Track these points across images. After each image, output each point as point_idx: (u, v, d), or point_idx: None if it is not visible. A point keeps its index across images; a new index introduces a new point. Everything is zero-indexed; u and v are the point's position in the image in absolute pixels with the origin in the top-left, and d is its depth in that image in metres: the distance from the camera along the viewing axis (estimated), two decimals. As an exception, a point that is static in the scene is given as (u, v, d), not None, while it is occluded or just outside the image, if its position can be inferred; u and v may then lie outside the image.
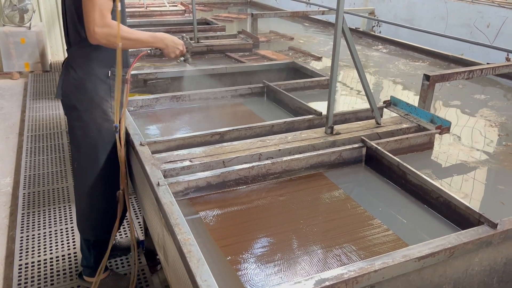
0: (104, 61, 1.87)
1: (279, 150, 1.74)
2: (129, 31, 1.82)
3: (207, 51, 3.58)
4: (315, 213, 1.47)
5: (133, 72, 2.82)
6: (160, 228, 1.57)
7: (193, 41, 3.67)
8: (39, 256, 2.57)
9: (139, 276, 2.40)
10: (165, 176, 1.53)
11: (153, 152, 1.69)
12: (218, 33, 4.24)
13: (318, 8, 5.22)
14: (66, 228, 2.82)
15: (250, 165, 1.61)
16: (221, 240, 1.30)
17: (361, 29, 4.80)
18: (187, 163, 1.61)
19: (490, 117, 2.31)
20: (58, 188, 3.29)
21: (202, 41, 3.72)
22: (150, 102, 2.31)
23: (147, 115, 2.25)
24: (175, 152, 1.70)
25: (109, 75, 1.90)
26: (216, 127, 1.91)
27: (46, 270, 2.45)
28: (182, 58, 2.17)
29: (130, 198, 3.13)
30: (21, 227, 2.83)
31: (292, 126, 2.01)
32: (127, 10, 5.73)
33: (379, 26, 5.15)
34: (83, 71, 1.87)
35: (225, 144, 1.78)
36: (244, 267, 1.20)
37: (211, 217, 1.43)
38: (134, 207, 3.03)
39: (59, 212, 2.99)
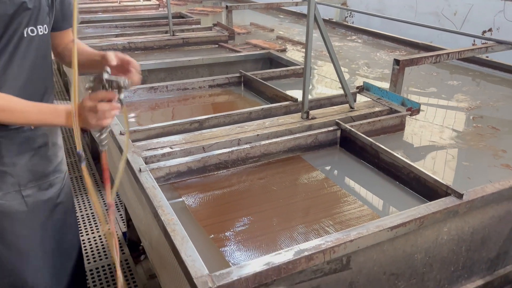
0: None
1: (257, 135, 1.79)
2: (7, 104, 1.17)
3: (182, 44, 3.59)
4: (294, 193, 1.53)
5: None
6: (144, 213, 1.60)
7: (170, 34, 3.68)
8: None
9: (123, 267, 2.42)
10: (146, 163, 1.56)
11: (133, 141, 1.71)
12: (193, 26, 4.25)
13: (292, 0, 5.28)
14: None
15: (230, 149, 1.66)
16: (203, 220, 1.35)
17: (334, 20, 4.89)
18: (167, 149, 1.64)
19: (465, 101, 2.42)
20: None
21: (177, 34, 3.73)
22: (127, 93, 2.32)
23: (125, 106, 2.25)
24: (155, 140, 1.72)
25: None
26: (194, 116, 1.94)
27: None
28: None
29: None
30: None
31: (269, 113, 2.06)
32: (100, 5, 5.58)
33: (352, 17, 5.25)
34: None
35: (204, 131, 1.82)
36: (226, 244, 1.25)
37: (193, 200, 1.47)
38: (115, 200, 3.03)
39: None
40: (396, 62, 2.12)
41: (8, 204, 1.33)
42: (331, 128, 1.85)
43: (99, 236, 2.69)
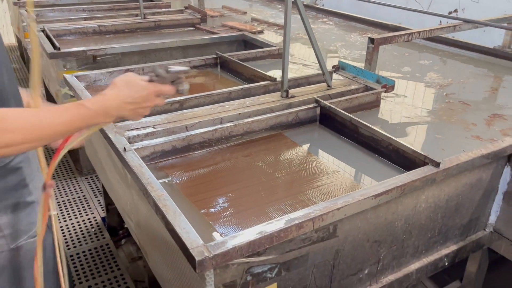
0: None
1: (239, 114, 1.80)
2: (26, 117, 0.92)
3: (154, 27, 3.54)
4: (279, 168, 1.56)
5: (81, 48, 2.76)
6: (129, 194, 1.60)
7: (140, 17, 3.60)
8: None
9: (104, 251, 2.41)
10: (130, 143, 1.55)
11: (114, 122, 1.69)
12: (163, 9, 4.18)
13: (262, -17, 5.25)
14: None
15: (213, 128, 1.67)
16: (193, 196, 1.36)
17: (305, 3, 4.91)
18: (150, 129, 1.64)
19: (437, 79, 2.51)
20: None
21: (148, 17, 3.66)
22: (103, 76, 2.29)
23: (101, 89, 2.22)
24: (137, 121, 1.71)
25: None
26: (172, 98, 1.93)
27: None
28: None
29: (87, 178, 3.11)
30: None
31: (249, 92, 2.07)
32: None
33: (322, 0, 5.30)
34: None
35: (185, 111, 1.82)
36: (217, 217, 1.27)
37: (181, 178, 1.48)
38: (92, 186, 2.99)
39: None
40: (371, 40, 2.17)
41: (30, 247, 1.14)
42: (310, 106, 1.89)
43: (81, 221, 2.65)
